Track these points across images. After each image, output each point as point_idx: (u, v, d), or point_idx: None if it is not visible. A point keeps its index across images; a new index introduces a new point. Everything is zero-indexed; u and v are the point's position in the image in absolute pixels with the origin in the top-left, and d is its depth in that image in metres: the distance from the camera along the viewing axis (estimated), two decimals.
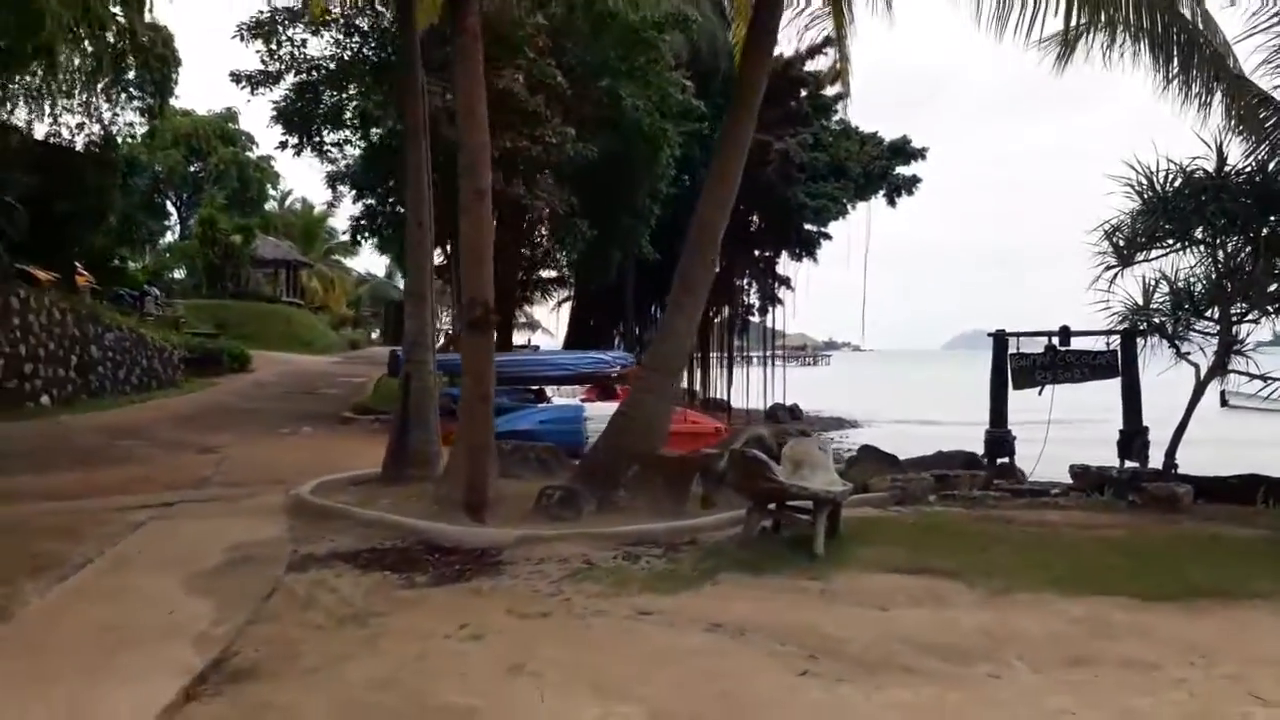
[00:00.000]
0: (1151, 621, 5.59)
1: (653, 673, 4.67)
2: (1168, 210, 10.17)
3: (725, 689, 4.49)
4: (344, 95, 20.71)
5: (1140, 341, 10.95)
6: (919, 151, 30.53)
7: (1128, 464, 10.76)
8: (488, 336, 8.17)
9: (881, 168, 30.13)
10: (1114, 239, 10.57)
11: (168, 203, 53.57)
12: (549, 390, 18.13)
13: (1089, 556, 7.27)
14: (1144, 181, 10.27)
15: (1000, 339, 11.77)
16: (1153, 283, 10.63)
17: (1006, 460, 11.47)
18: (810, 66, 29.22)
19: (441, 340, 19.13)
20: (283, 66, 19.48)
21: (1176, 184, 10.13)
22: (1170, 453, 10.23)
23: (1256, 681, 4.54)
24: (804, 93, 30.68)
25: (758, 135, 28.63)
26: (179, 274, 53.94)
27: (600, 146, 20.68)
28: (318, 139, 21.08)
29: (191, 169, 53.49)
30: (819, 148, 28.80)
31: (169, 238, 54.98)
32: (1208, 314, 10.41)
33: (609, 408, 12.26)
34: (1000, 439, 11.49)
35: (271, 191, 61.37)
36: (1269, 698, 4.34)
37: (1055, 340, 11.53)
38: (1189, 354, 10.49)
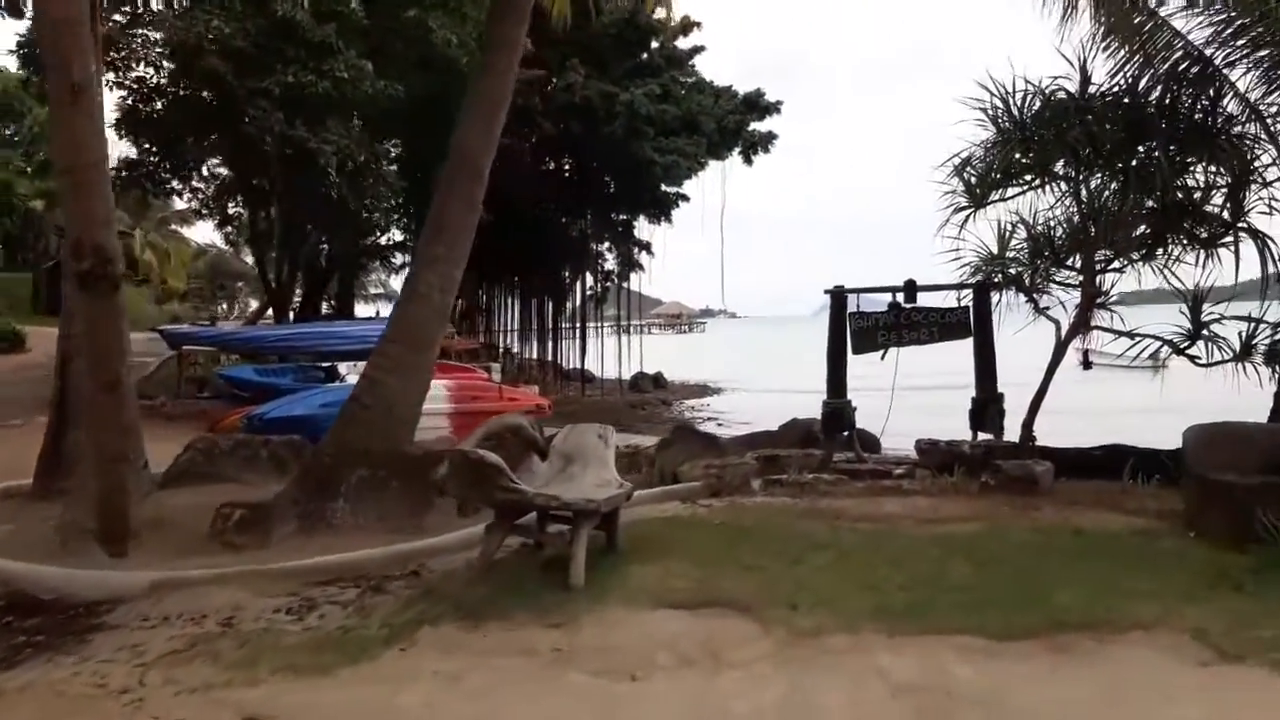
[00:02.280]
0: (1004, 681, 4.07)
1: None
2: (1026, 139, 8.62)
3: None
4: None
5: (995, 296, 9.42)
6: (773, 105, 28.86)
7: (981, 435, 9.26)
8: (109, 297, 5.65)
9: (735, 123, 28.35)
10: (964, 175, 8.96)
11: None
12: (343, 367, 15.56)
13: (930, 568, 5.76)
14: (999, 106, 8.67)
15: (838, 297, 10.02)
16: (1009, 227, 9.11)
17: (847, 434, 9.80)
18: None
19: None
20: None
21: (1035, 108, 8.56)
22: (1028, 423, 8.79)
23: None
24: (655, 44, 28.78)
25: (604, 87, 26.60)
26: None
27: (416, 88, 18.14)
28: None
29: (8, 131, 47.77)
30: (669, 99, 26.80)
31: None
32: (1069, 262, 8.96)
33: None
34: (839, 411, 9.78)
35: None
36: None
37: (900, 297, 9.86)
38: (1048, 309, 9.04)
